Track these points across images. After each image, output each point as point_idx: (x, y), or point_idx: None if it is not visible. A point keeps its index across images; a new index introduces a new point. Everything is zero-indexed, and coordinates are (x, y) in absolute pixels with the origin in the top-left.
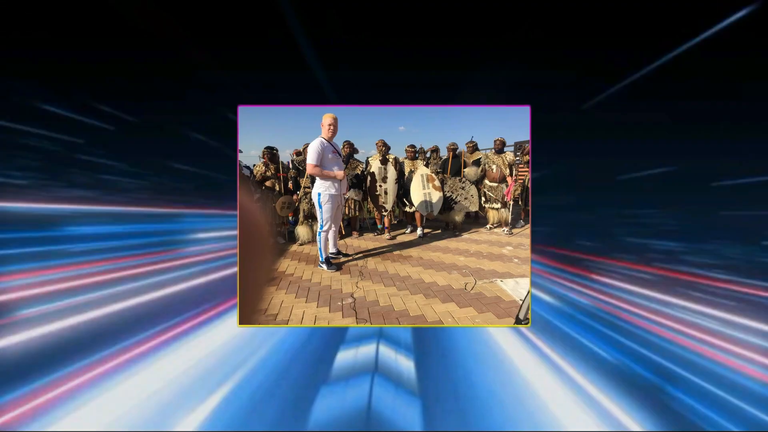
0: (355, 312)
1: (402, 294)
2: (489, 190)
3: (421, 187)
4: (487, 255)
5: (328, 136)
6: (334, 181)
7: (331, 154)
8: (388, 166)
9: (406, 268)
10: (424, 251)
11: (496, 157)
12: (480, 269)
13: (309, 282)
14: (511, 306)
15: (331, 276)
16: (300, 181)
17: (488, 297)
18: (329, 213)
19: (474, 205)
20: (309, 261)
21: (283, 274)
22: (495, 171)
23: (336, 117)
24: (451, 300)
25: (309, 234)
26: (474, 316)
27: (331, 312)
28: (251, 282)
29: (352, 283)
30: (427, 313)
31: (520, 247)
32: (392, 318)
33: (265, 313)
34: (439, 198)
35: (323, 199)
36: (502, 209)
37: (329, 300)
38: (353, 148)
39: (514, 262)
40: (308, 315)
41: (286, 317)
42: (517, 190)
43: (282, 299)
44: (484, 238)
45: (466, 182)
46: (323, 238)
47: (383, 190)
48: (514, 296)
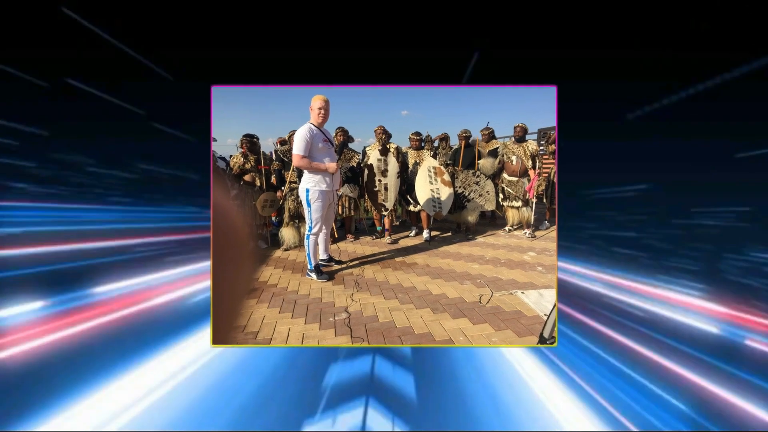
0: (350, 329)
1: (405, 308)
2: (508, 186)
3: (427, 182)
4: (505, 262)
5: (319, 121)
6: (324, 174)
7: (322, 143)
8: (389, 157)
9: (409, 278)
10: (432, 258)
11: (516, 146)
12: (497, 279)
13: (295, 294)
14: (534, 322)
15: (322, 287)
16: (285, 174)
17: (507, 312)
18: (319, 212)
19: (490, 204)
20: (295, 269)
21: (264, 284)
22: (515, 163)
23: (327, 99)
24: (463, 315)
25: (295, 237)
26: (490, 335)
27: (322, 329)
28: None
29: (347, 296)
30: (435, 330)
31: (545, 252)
32: (393, 336)
33: (244, 331)
34: (448, 195)
35: (312, 196)
36: (523, 208)
37: (319, 315)
38: (348, 135)
39: (537, 271)
40: (294, 333)
41: (269, 335)
42: (541, 185)
43: (264, 314)
44: (502, 242)
45: (481, 176)
46: (312, 243)
47: (383, 185)
48: (537, 311)
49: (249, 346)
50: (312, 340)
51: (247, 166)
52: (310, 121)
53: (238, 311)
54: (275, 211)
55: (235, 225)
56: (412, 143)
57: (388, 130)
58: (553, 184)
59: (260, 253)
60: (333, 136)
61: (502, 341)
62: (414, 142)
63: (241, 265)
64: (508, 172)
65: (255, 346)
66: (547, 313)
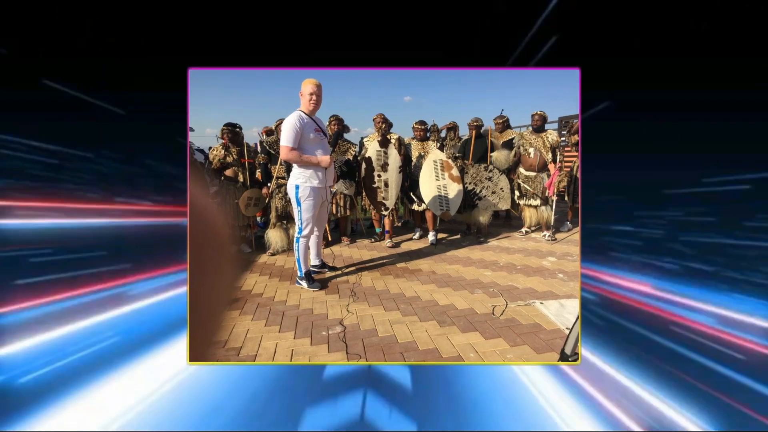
0: (346, 345)
1: (408, 321)
2: (525, 182)
3: (433, 178)
4: (521, 268)
5: (310, 108)
6: (316, 169)
7: (314, 134)
8: (390, 149)
9: (413, 286)
10: (438, 263)
11: (534, 137)
12: (512, 287)
13: (283, 304)
14: (554, 337)
15: (314, 296)
16: (271, 169)
17: (524, 325)
18: (310, 212)
19: (505, 202)
20: (284, 276)
21: (248, 293)
22: (533, 156)
23: (320, 84)
24: (473, 329)
25: (283, 240)
26: (504, 351)
27: (314, 345)
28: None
29: (342, 306)
30: (442, 346)
31: (566, 257)
32: (395, 353)
33: (225, 347)
34: (457, 192)
35: (302, 194)
36: (542, 207)
37: (310, 328)
38: (343, 125)
39: (558, 278)
40: (282, 349)
41: (253, 351)
42: (563, 181)
43: (247, 327)
44: (518, 245)
45: (494, 171)
46: (302, 246)
47: (383, 181)
48: (558, 324)
49: (230, 364)
50: (302, 357)
51: (228, 160)
52: (300, 108)
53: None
54: (260, 210)
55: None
56: (416, 133)
57: (389, 119)
58: (576, 180)
59: (243, 258)
60: (326, 126)
61: (517, 358)
62: (418, 132)
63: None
64: (524, 167)
65: (237, 364)
66: (570, 326)
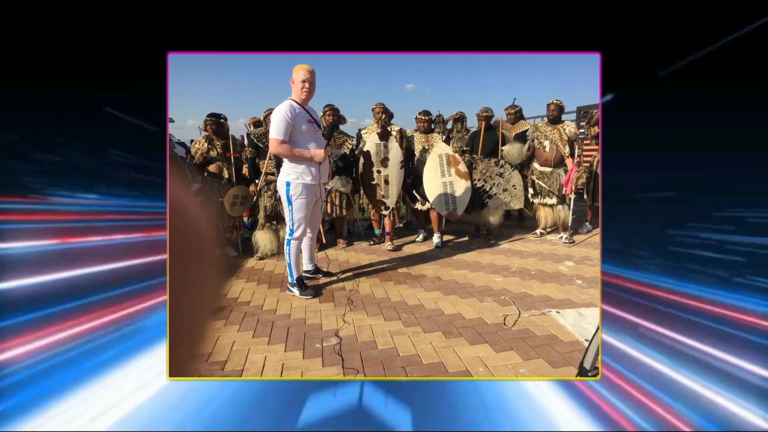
0: (342, 358)
1: (411, 331)
2: (539, 178)
3: (438, 174)
4: (536, 274)
5: (302, 97)
6: (309, 164)
7: (306, 125)
8: (390, 142)
9: (416, 294)
10: (444, 268)
11: (549, 129)
12: (526, 295)
13: (273, 314)
14: (572, 349)
15: (306, 305)
16: (260, 164)
17: (538, 336)
18: (302, 212)
19: (517, 201)
20: (273, 283)
21: (234, 302)
22: (548, 149)
23: (313, 70)
24: (483, 341)
25: (273, 243)
26: (517, 365)
27: (307, 358)
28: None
29: (337, 316)
30: (448, 359)
31: (585, 262)
32: (396, 367)
33: (208, 360)
34: (465, 190)
35: (294, 191)
36: (558, 206)
37: (303, 340)
38: (339, 115)
39: (576, 285)
40: (272, 362)
41: (239, 366)
42: (581, 177)
43: (233, 339)
44: (533, 248)
45: (506, 166)
46: (294, 250)
47: (383, 177)
48: (576, 335)
49: (215, 380)
50: (294, 372)
51: (212, 154)
52: (291, 97)
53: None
54: (247, 210)
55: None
56: (420, 125)
57: (389, 109)
58: (596, 176)
59: (229, 262)
60: (320, 116)
61: (531, 373)
62: (422, 124)
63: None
64: (539, 161)
65: (222, 380)
66: (589, 338)
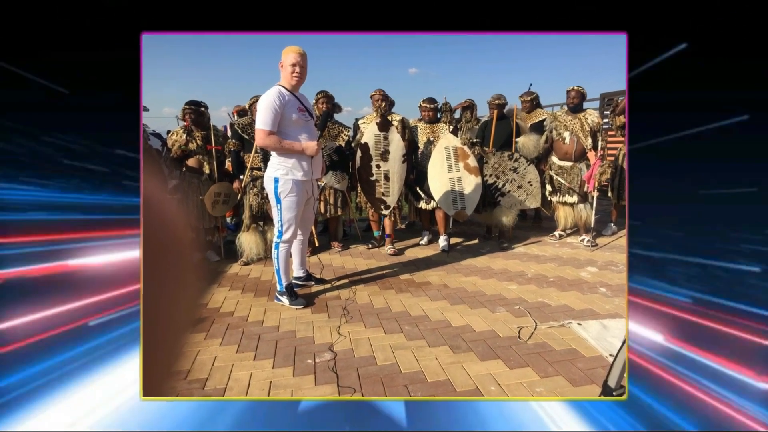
0: (337, 375)
1: (414, 346)
2: (558, 174)
3: (445, 169)
4: (555, 281)
5: (292, 83)
6: (300, 158)
7: (297, 114)
8: (391, 133)
9: (420, 303)
10: (451, 275)
11: (569, 118)
12: (543, 305)
13: (259, 326)
14: (595, 366)
15: (297, 316)
16: (245, 158)
17: (557, 351)
18: (293, 211)
19: (533, 199)
20: (260, 291)
21: (216, 312)
22: (568, 141)
23: (304, 53)
24: (495, 356)
25: (260, 246)
26: (533, 383)
27: (297, 375)
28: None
29: (332, 328)
30: (456, 377)
31: (610, 267)
32: (397, 386)
33: (187, 378)
34: (475, 187)
35: (283, 189)
36: (579, 205)
37: (293, 356)
38: (333, 103)
39: (599, 293)
40: (258, 381)
41: (222, 384)
42: (605, 173)
43: (215, 354)
44: (551, 252)
45: (521, 160)
46: (283, 254)
47: (382, 173)
48: (600, 350)
49: (194, 400)
50: (283, 392)
51: (191, 146)
52: (280, 82)
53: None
54: (231, 209)
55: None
56: (424, 114)
57: (390, 96)
58: (622, 171)
59: (210, 268)
60: (312, 104)
61: (549, 393)
62: (426, 113)
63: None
64: (558, 155)
65: (202, 400)
66: (614, 353)
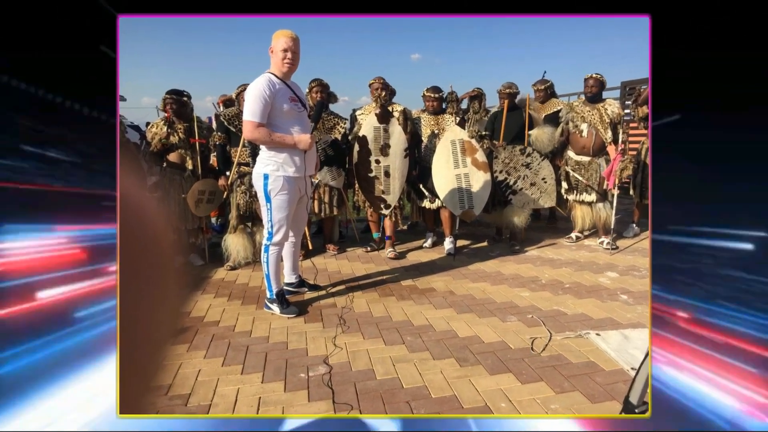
0: (332, 391)
1: (417, 358)
2: (575, 170)
3: (451, 164)
4: (571, 287)
5: (284, 71)
6: (292, 152)
7: (289, 104)
8: (392, 125)
9: (424, 312)
10: (458, 281)
11: (587, 109)
12: (559, 313)
13: (247, 336)
14: (616, 380)
15: (288, 325)
16: (231, 152)
17: (574, 364)
18: (284, 211)
19: (548, 198)
20: (248, 298)
21: (200, 321)
22: (586, 134)
23: (297, 37)
24: (505, 369)
25: (247, 249)
26: (548, 399)
27: (289, 391)
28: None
29: (327, 339)
30: (463, 392)
31: (632, 272)
32: (399, 402)
33: (168, 393)
34: (483, 184)
35: (273, 186)
36: (598, 204)
37: (284, 369)
38: (328, 92)
39: (620, 301)
40: (246, 396)
41: (206, 400)
42: (627, 168)
43: (199, 368)
44: (567, 256)
45: (534, 155)
46: (273, 257)
47: (382, 169)
48: (620, 363)
49: (176, 418)
50: (273, 409)
51: (172, 140)
52: (270, 70)
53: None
54: (216, 209)
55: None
56: (428, 104)
57: (390, 84)
58: (645, 167)
59: (193, 273)
60: (306, 94)
61: (565, 410)
62: (430, 103)
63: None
64: (575, 149)
65: (185, 418)
66: (636, 366)
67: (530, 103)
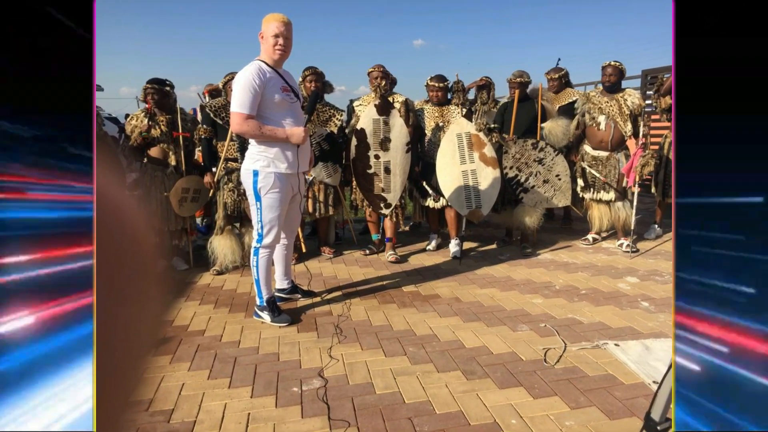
0: (328, 406)
1: (420, 371)
2: (592, 166)
3: (457, 160)
4: (587, 293)
5: (275, 58)
6: (284, 147)
7: (280, 94)
8: (393, 117)
9: (427, 320)
10: (464, 286)
11: (605, 99)
12: (574, 322)
13: (236, 347)
14: (636, 395)
15: (280, 335)
16: (218, 146)
17: (590, 377)
18: (275, 211)
19: (563, 196)
20: (236, 305)
21: (183, 331)
22: (604, 127)
23: (289, 21)
24: (516, 383)
25: (236, 252)
26: (562, 415)
27: (281, 406)
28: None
29: (322, 350)
30: (470, 408)
31: (653, 277)
32: (400, 419)
33: (149, 409)
34: (492, 181)
35: (263, 183)
36: (617, 203)
37: (275, 383)
38: (323, 82)
39: (641, 308)
40: (234, 412)
41: (190, 416)
42: (648, 164)
43: (182, 381)
44: (583, 259)
45: (547, 149)
46: (264, 261)
47: (382, 165)
48: (641, 376)
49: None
50: (264, 426)
51: (154, 133)
52: (259, 57)
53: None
54: (202, 208)
55: (134, 232)
56: (432, 94)
57: (391, 73)
58: (668, 163)
59: (176, 278)
60: (299, 83)
61: (581, 427)
62: (435, 93)
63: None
64: (592, 143)
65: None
66: (658, 379)
67: (543, 94)
